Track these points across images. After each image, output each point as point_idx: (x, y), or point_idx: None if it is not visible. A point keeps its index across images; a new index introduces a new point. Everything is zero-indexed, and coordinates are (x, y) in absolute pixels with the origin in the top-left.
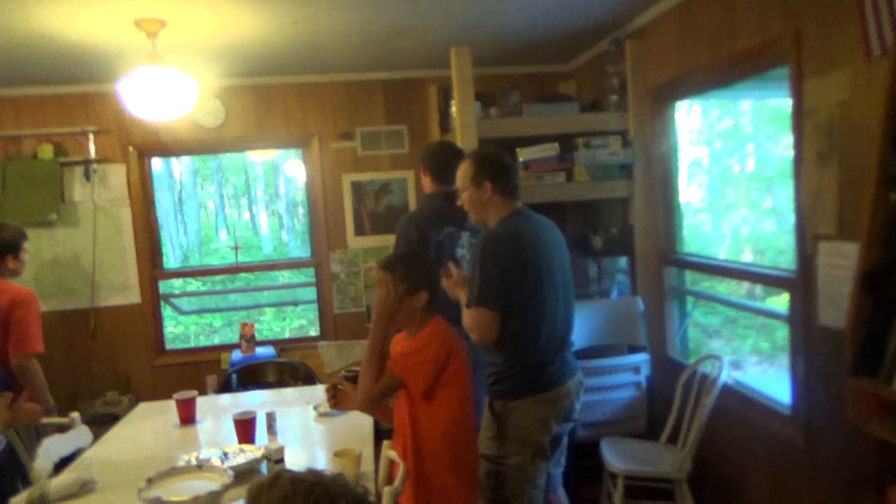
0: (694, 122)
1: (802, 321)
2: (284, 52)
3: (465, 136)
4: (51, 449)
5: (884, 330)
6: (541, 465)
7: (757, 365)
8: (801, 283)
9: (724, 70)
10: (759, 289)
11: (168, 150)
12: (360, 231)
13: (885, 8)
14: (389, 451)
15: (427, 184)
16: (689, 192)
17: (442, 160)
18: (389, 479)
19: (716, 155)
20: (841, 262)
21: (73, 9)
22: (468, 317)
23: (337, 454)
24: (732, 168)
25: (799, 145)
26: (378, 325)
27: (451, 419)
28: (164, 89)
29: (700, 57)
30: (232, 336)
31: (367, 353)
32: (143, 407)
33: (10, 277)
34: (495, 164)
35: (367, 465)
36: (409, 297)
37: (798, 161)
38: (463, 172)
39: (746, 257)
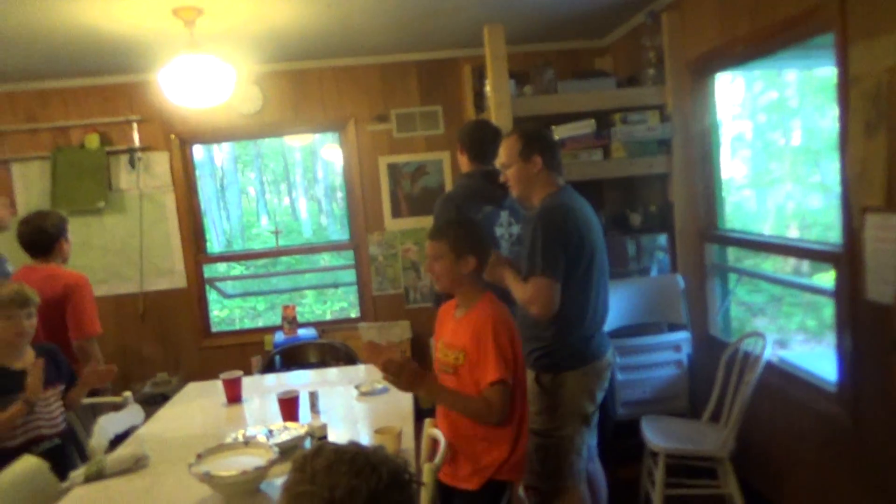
0: (737, 95)
1: (849, 296)
2: (319, 36)
3: (499, 115)
4: (106, 426)
5: None
6: (586, 435)
7: (804, 343)
8: (848, 257)
9: (765, 40)
10: (805, 266)
11: (208, 137)
12: (396, 213)
13: None
14: (432, 429)
15: (464, 163)
16: (733, 167)
17: (479, 139)
18: (431, 456)
19: (760, 129)
20: (889, 235)
21: (112, 0)
22: (528, 289)
23: (378, 431)
24: (777, 142)
25: (845, 115)
26: (428, 391)
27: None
28: (203, 77)
29: (740, 27)
30: (275, 319)
31: (450, 403)
32: (192, 387)
33: (62, 262)
34: (543, 138)
35: (408, 443)
36: (457, 261)
37: (844, 131)
38: (509, 147)
39: (792, 233)
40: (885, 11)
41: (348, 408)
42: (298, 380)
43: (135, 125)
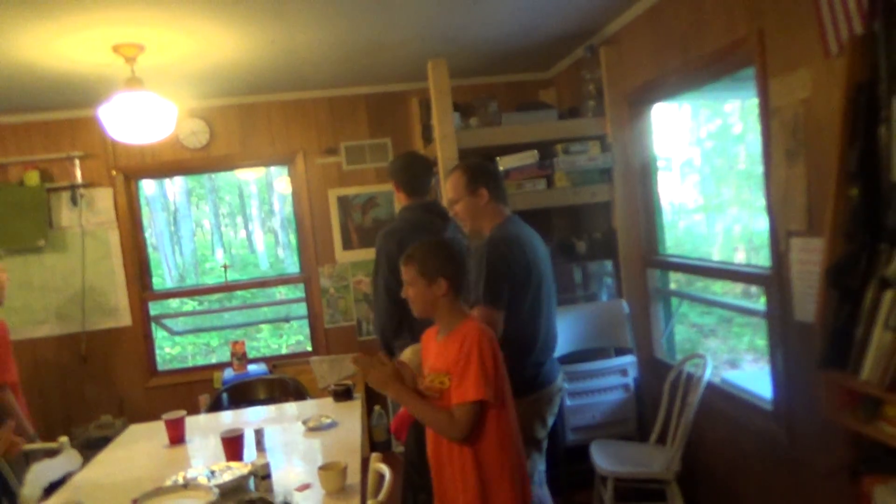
0: (684, 123)
1: (779, 317)
2: (265, 71)
3: (444, 147)
4: (40, 474)
5: (850, 323)
6: (536, 459)
7: (753, 363)
8: (776, 279)
9: (694, 72)
10: (754, 288)
11: (154, 172)
12: (347, 245)
13: (840, 7)
14: (377, 464)
15: (401, 198)
16: (683, 192)
17: (412, 174)
18: (377, 493)
19: (707, 155)
20: (812, 258)
21: (51, 36)
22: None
23: (322, 468)
24: (723, 168)
25: (767, 144)
26: (395, 394)
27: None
28: (144, 113)
29: (672, 60)
30: (228, 355)
31: (419, 412)
32: (134, 429)
33: None
34: (486, 171)
35: (353, 478)
36: (428, 286)
37: (767, 159)
38: (455, 182)
39: (740, 255)
40: (800, 47)
41: (295, 444)
42: (245, 417)
43: (77, 161)
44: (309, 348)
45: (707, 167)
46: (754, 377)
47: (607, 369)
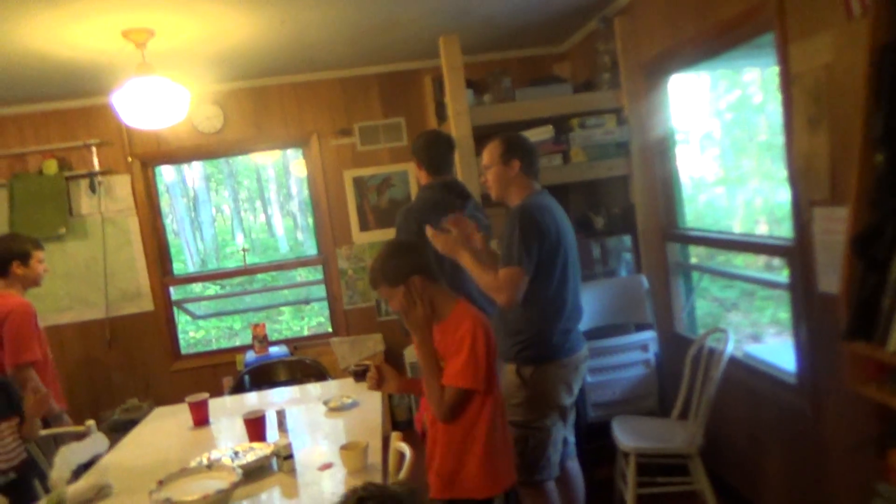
0: (703, 94)
1: (803, 289)
2: (277, 53)
3: (458, 125)
4: (68, 457)
5: (876, 293)
6: (561, 428)
7: (776, 336)
8: (799, 250)
9: (711, 40)
10: (776, 261)
11: (169, 157)
12: (364, 226)
13: None
14: (398, 443)
15: (423, 176)
16: (703, 165)
17: (435, 153)
18: (398, 471)
19: (727, 126)
20: (835, 227)
21: (60, 24)
22: (500, 277)
23: (344, 447)
24: (744, 139)
25: (788, 111)
26: (422, 339)
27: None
28: (156, 98)
29: (687, 29)
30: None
31: (425, 372)
32: (159, 411)
33: (25, 288)
34: (523, 145)
35: (375, 457)
36: (407, 292)
37: (789, 127)
38: (491, 150)
39: (762, 228)
40: (820, 10)
41: (317, 424)
42: (268, 399)
43: (94, 149)
44: (329, 329)
45: (727, 139)
46: (777, 350)
47: (628, 345)
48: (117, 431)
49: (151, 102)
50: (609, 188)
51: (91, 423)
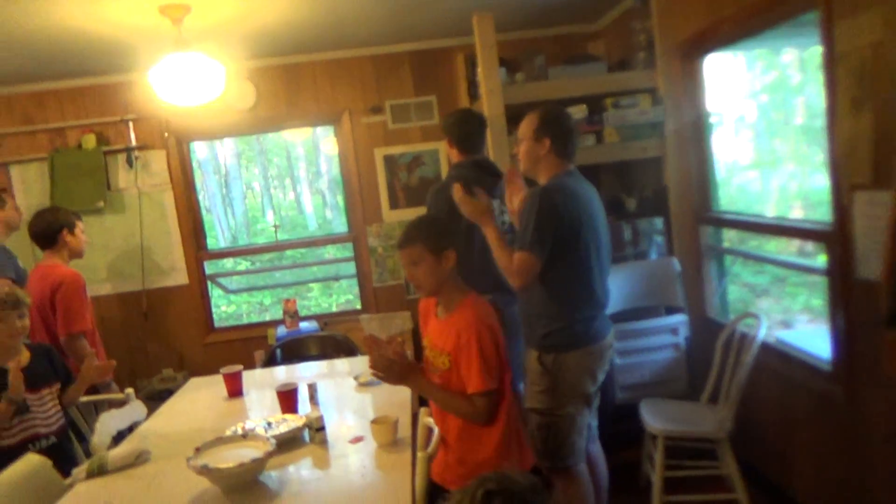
0: (738, 75)
1: (841, 274)
2: (310, 29)
3: (490, 104)
4: (108, 423)
5: None
6: (586, 414)
7: (808, 323)
8: (838, 235)
9: (751, 19)
10: (809, 246)
11: (204, 134)
12: (394, 204)
13: None
14: (426, 418)
15: (454, 154)
16: (737, 148)
17: (466, 131)
18: (425, 446)
19: (763, 109)
20: (877, 212)
21: (97, 0)
22: (514, 260)
23: (374, 421)
24: (780, 122)
25: (832, 93)
26: (418, 386)
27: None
28: (193, 74)
29: (727, 7)
30: (281, 313)
31: (443, 403)
32: (194, 382)
33: (71, 258)
34: (558, 123)
35: (404, 432)
36: (438, 260)
37: (831, 109)
38: (527, 124)
39: (796, 213)
40: None
41: (346, 398)
42: (299, 372)
43: (130, 124)
44: (358, 307)
45: (762, 122)
46: (810, 337)
47: (657, 328)
48: (154, 400)
49: (187, 78)
50: (642, 169)
51: (130, 391)
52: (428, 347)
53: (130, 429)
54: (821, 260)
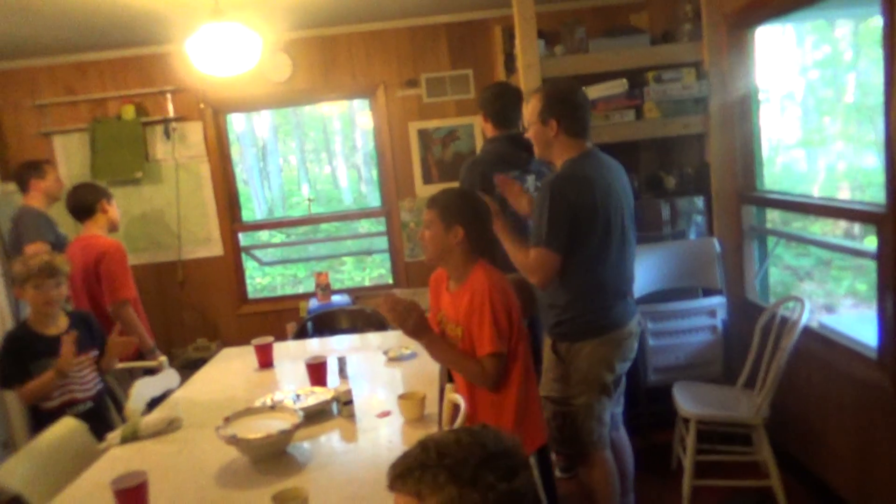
0: (787, 50)
1: (892, 258)
2: (345, 0)
3: (528, 77)
4: (142, 390)
5: None
6: (605, 403)
7: (853, 308)
8: (892, 217)
9: None
10: (857, 228)
11: (240, 105)
12: (427, 179)
13: None
14: (453, 395)
15: (489, 129)
16: (783, 126)
17: (501, 105)
18: (452, 422)
19: (811, 85)
20: None
21: None
22: (530, 258)
23: (402, 397)
24: (830, 99)
25: (891, 66)
26: (429, 342)
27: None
28: (229, 45)
29: None
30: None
31: (452, 363)
32: (227, 352)
33: (108, 228)
34: (564, 101)
35: (432, 408)
36: (445, 231)
37: (890, 84)
38: (532, 107)
39: (843, 194)
40: None
41: (376, 373)
42: (329, 345)
43: (169, 96)
44: (390, 281)
45: (811, 99)
46: (856, 322)
47: (694, 309)
48: (188, 368)
49: (224, 49)
50: (683, 146)
51: (164, 359)
52: (443, 321)
53: (164, 396)
54: (869, 242)
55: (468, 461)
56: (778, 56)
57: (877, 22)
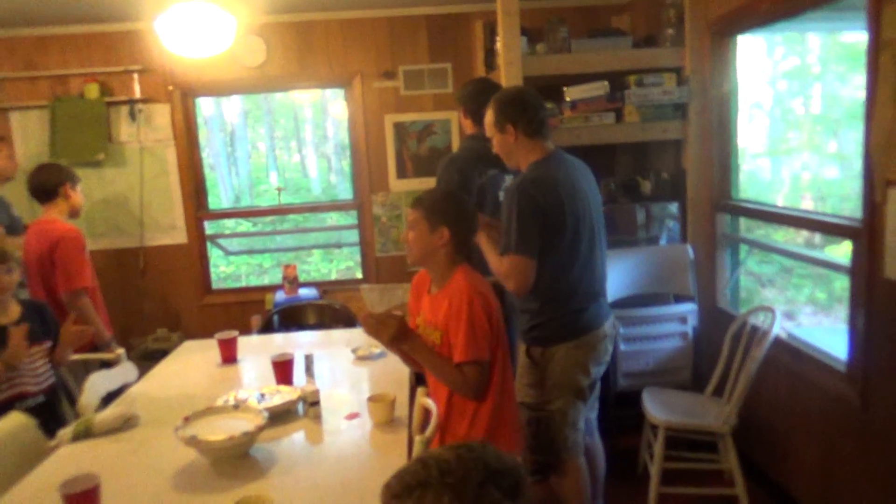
0: (757, 60)
1: (866, 273)
2: None
3: (509, 75)
4: (97, 384)
5: None
6: (581, 408)
7: (812, 316)
8: (867, 232)
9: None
10: (817, 238)
11: (210, 89)
12: (402, 174)
13: None
14: (424, 399)
15: (468, 125)
16: (749, 135)
17: (484, 102)
18: (423, 427)
19: (779, 96)
20: None
21: None
22: (504, 264)
23: (371, 399)
24: (796, 110)
25: (873, 82)
26: (411, 347)
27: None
28: (201, 25)
29: None
30: (280, 277)
31: (432, 367)
32: (188, 345)
33: (69, 214)
34: (514, 103)
35: (401, 411)
36: (430, 232)
37: (871, 99)
38: (488, 120)
39: (806, 204)
40: None
41: (344, 372)
42: (296, 341)
43: (135, 76)
44: (359, 275)
45: (777, 109)
46: (825, 334)
47: (665, 316)
48: (147, 360)
49: (196, 29)
50: (660, 151)
51: (121, 351)
52: (421, 325)
53: (120, 390)
54: (832, 252)
55: (471, 479)
56: (748, 65)
57: (847, 38)
